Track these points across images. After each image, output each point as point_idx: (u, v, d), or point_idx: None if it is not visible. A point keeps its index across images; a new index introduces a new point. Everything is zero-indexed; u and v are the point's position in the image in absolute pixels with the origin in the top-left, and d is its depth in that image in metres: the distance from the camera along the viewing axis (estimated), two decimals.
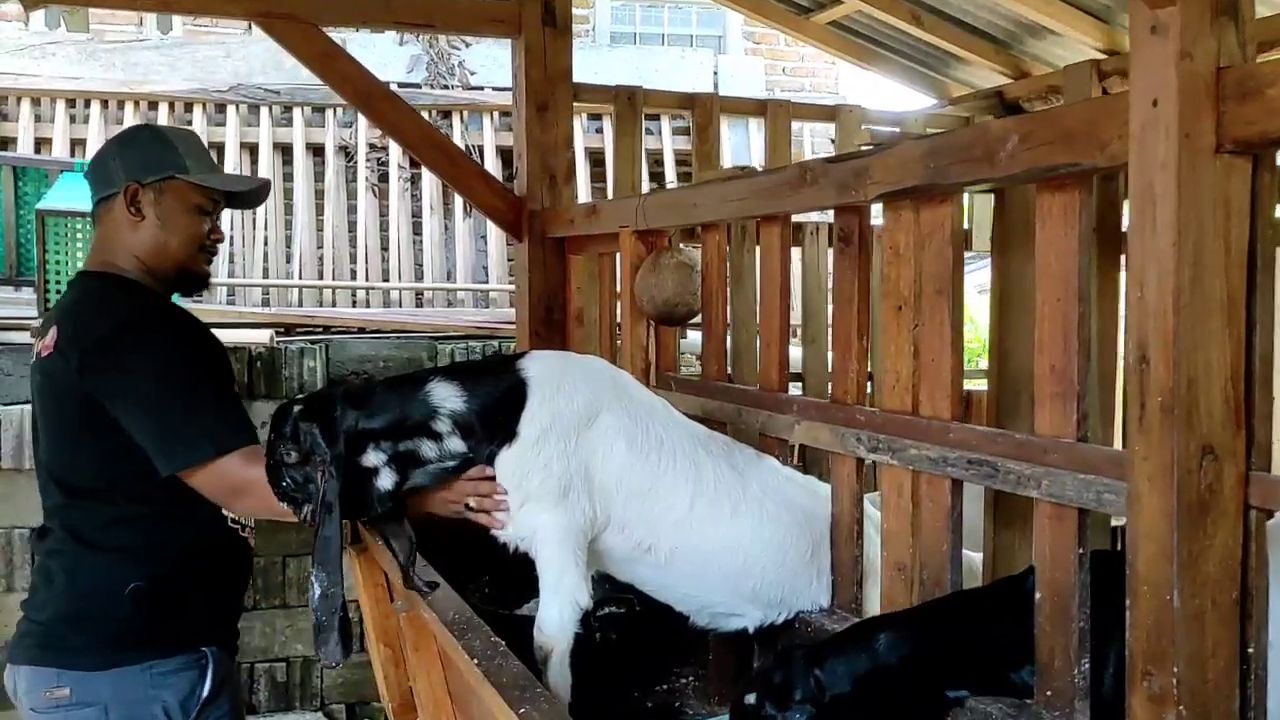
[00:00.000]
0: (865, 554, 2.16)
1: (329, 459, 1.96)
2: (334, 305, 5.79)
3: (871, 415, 2.07)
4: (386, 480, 2.03)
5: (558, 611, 2.02)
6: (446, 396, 2.06)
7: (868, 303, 2.15)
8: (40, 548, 2.31)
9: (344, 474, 1.97)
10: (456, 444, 2.06)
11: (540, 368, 2.13)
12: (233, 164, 6.03)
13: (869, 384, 2.20)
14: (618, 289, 3.36)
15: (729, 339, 3.56)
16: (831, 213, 4.06)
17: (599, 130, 6.52)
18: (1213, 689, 1.35)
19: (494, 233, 6.23)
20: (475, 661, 1.73)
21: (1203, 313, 1.31)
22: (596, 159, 6.42)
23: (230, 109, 6.23)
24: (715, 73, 6.74)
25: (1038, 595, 1.70)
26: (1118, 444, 2.36)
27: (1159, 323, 1.33)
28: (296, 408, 2.02)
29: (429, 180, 6.10)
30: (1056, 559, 1.66)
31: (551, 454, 2.05)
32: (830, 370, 2.21)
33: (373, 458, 2.01)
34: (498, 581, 2.70)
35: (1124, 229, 1.85)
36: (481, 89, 6.55)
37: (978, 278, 5.21)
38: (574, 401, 2.10)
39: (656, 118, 6.49)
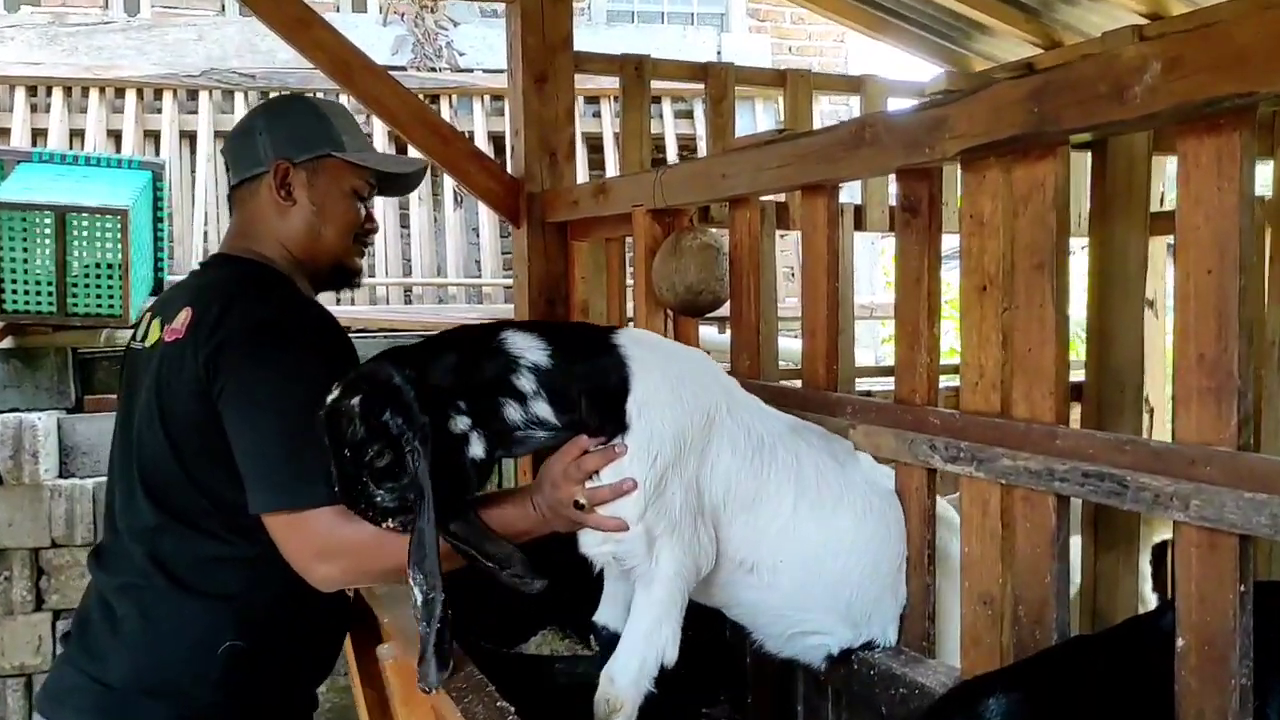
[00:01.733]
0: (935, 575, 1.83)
1: (415, 435, 1.58)
2: None
3: (950, 418, 1.72)
4: (478, 448, 1.65)
5: (639, 664, 1.66)
6: (527, 347, 1.68)
7: (938, 284, 1.81)
8: (106, 579, 1.87)
9: (434, 447, 1.60)
10: (544, 409, 1.67)
11: (642, 349, 1.75)
12: (207, 154, 5.66)
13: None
14: (628, 278, 3.03)
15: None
16: (858, 187, 3.77)
17: (596, 114, 6.17)
18: None
19: (487, 224, 5.87)
20: None
21: None
22: (594, 145, 6.07)
23: (203, 95, 5.85)
24: (719, 52, 6.38)
25: (1180, 642, 1.36)
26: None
27: None
28: (352, 399, 1.60)
29: None
30: (1208, 598, 1.32)
31: (668, 463, 1.68)
32: (895, 365, 1.86)
33: (458, 422, 1.64)
34: (501, 610, 2.34)
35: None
36: (471, 71, 6.18)
37: None
38: (694, 400, 1.74)
39: (658, 100, 6.14)
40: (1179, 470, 1.34)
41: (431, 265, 5.79)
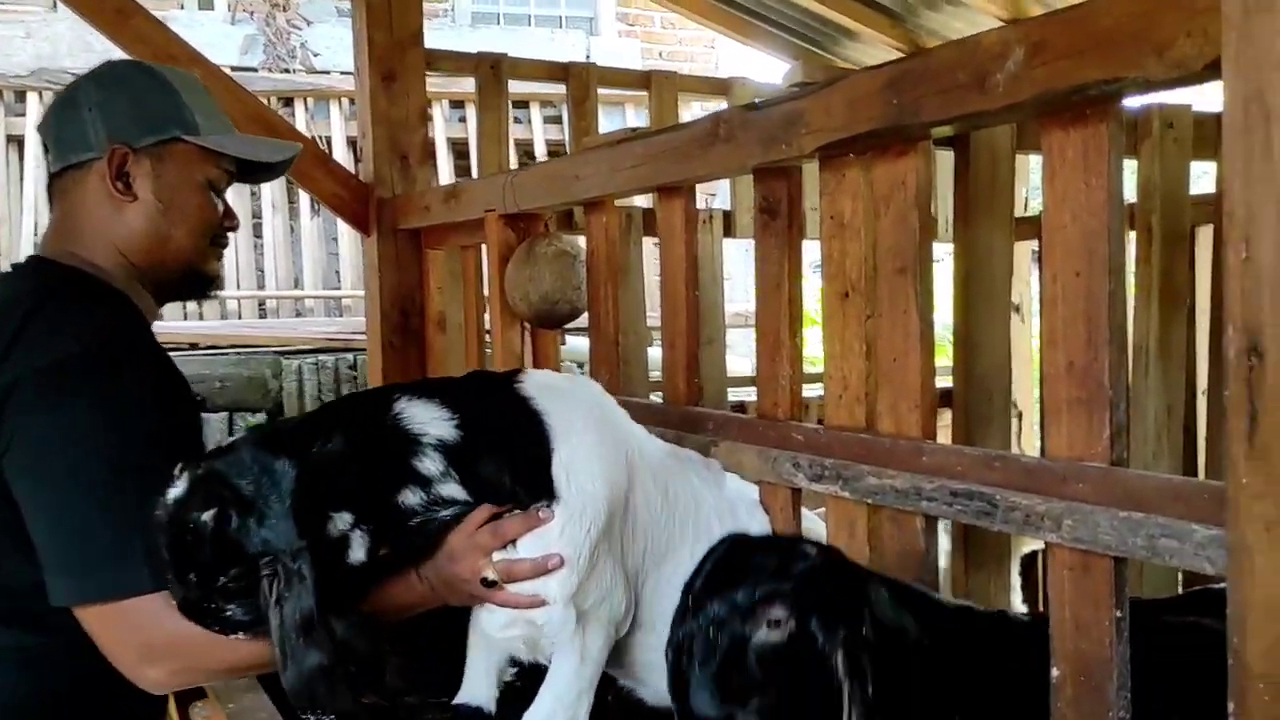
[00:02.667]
0: None
1: (289, 558, 1.30)
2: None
3: (814, 434, 1.61)
4: (359, 550, 1.39)
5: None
6: (428, 419, 1.42)
7: (800, 290, 1.70)
8: None
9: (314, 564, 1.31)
10: (453, 490, 1.42)
11: (555, 399, 1.52)
12: (35, 159, 5.26)
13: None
14: (486, 287, 2.85)
15: (619, 340, 3.09)
16: (727, 186, 3.67)
17: (462, 119, 5.96)
18: None
19: (347, 233, 5.61)
20: None
21: None
22: (460, 150, 5.87)
23: (31, 97, 5.43)
24: (587, 55, 6.25)
25: (1055, 673, 1.27)
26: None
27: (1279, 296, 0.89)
28: (204, 512, 1.30)
29: None
30: (1083, 624, 1.23)
31: (602, 530, 1.46)
32: (756, 378, 1.74)
33: (338, 521, 1.37)
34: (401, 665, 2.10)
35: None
36: (328, 73, 5.91)
37: None
38: (615, 449, 1.53)
39: (525, 105, 5.98)
40: (1050, 488, 1.25)
41: (288, 277, 5.50)
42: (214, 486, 1.32)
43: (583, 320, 2.40)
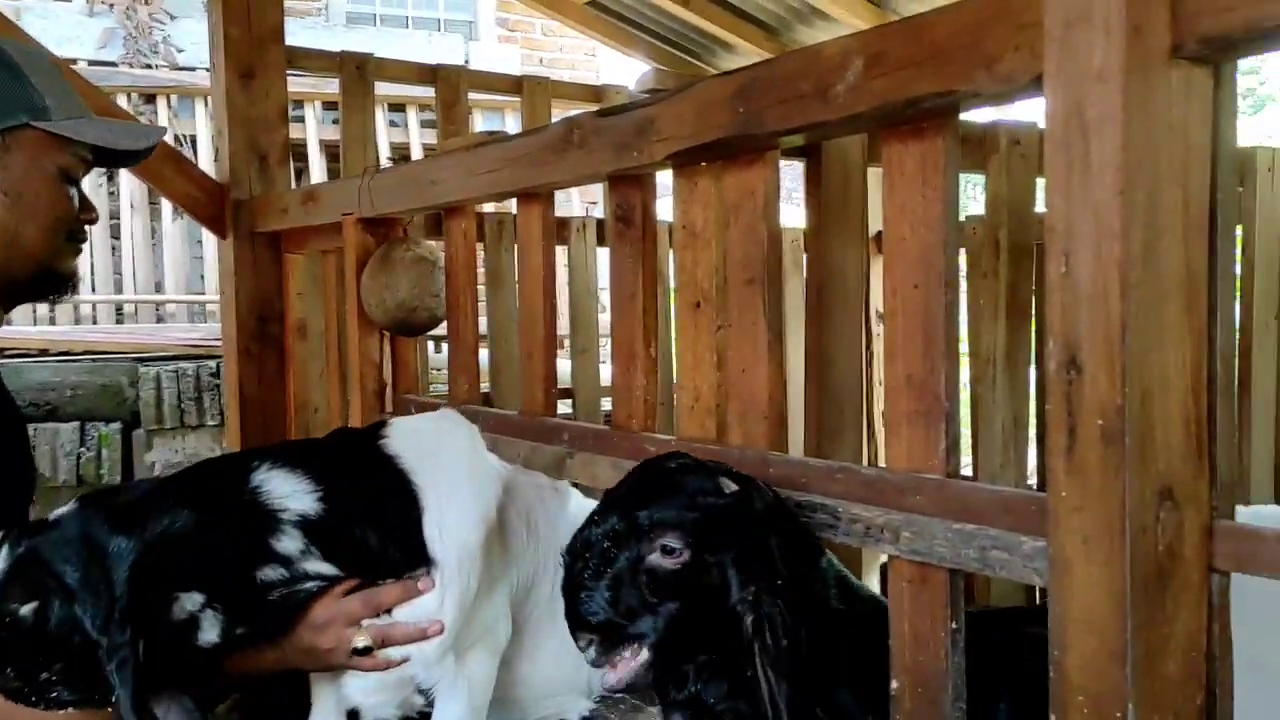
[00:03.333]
0: None
1: (120, 649, 1.19)
2: (8, 322, 4.79)
3: (665, 445, 1.59)
4: (212, 632, 1.29)
5: None
6: (288, 493, 1.34)
7: (655, 301, 1.68)
8: None
9: (147, 647, 1.21)
10: (317, 566, 1.35)
11: (419, 454, 1.45)
12: None
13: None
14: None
15: (488, 353, 3.03)
16: (602, 198, 3.64)
17: (336, 121, 5.80)
18: None
19: (211, 236, 5.40)
20: None
21: (1158, 296, 0.90)
22: (334, 153, 5.70)
23: None
24: (466, 60, 6.15)
25: (894, 685, 1.26)
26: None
27: (1098, 312, 0.90)
28: (23, 605, 1.20)
29: (130, 173, 5.18)
30: (920, 636, 1.23)
31: (475, 578, 1.41)
32: (612, 389, 1.72)
33: (186, 602, 1.28)
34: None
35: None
36: (193, 69, 5.68)
37: None
38: (485, 491, 1.48)
39: (402, 108, 5.86)
40: (890, 500, 1.25)
41: (148, 281, 5.25)
42: (36, 573, 1.21)
43: (432, 330, 2.34)
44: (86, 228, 1.65)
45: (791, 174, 4.62)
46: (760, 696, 1.16)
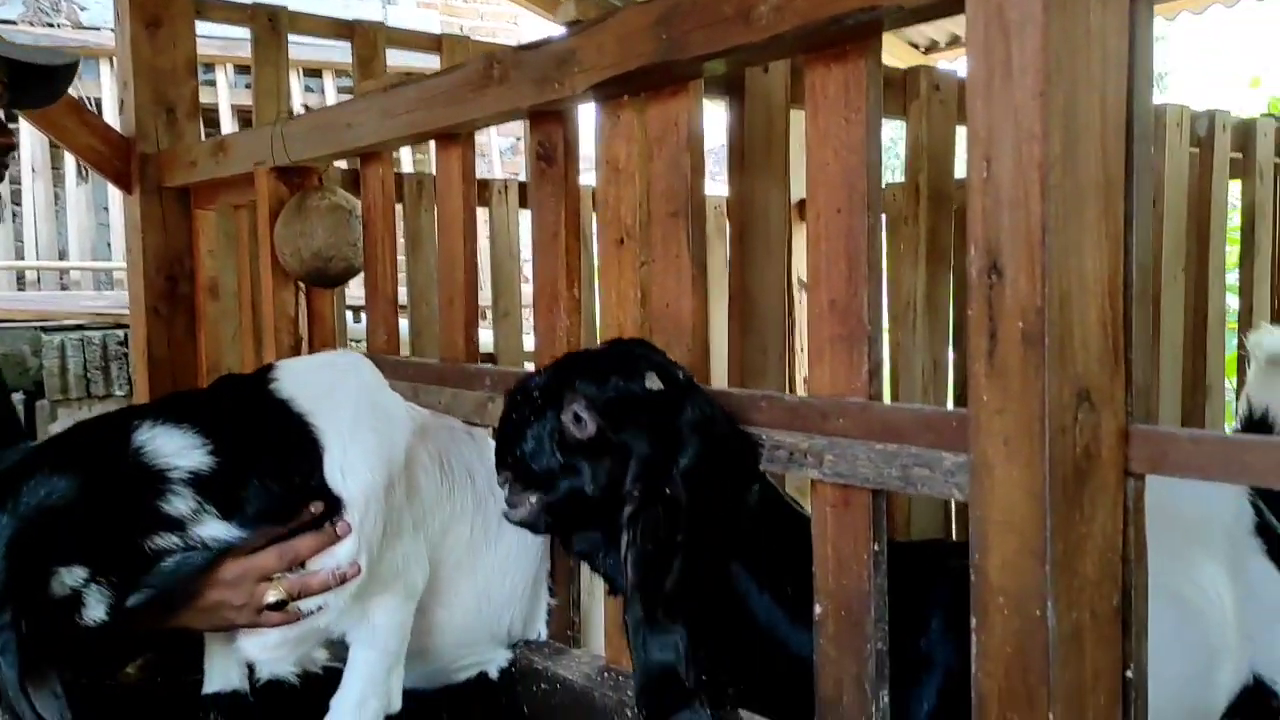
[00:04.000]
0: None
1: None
2: None
3: None
4: (98, 609, 1.22)
5: (379, 703, 1.39)
6: (175, 449, 1.27)
7: (578, 240, 1.66)
8: None
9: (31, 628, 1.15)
10: (214, 528, 1.28)
11: (312, 391, 1.40)
12: None
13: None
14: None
15: (407, 320, 2.99)
16: (524, 167, 3.59)
17: (249, 85, 5.64)
18: None
19: (118, 199, 5.21)
20: None
21: (1076, 199, 0.91)
22: (246, 118, 5.55)
23: None
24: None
25: (817, 609, 1.27)
26: None
27: (1019, 215, 0.91)
28: None
29: (32, 136, 4.97)
30: (843, 560, 1.24)
31: (377, 519, 1.37)
32: (534, 331, 1.69)
33: (67, 577, 1.21)
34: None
35: None
36: (97, 29, 5.46)
37: None
38: (387, 429, 1.43)
39: (318, 74, 5.72)
40: (813, 425, 1.25)
41: (50, 247, 5.06)
42: None
43: (349, 280, 2.29)
44: (7, 156, 1.57)
45: (714, 160, 4.61)
46: (620, 584, 1.23)
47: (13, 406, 1.70)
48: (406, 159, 5.34)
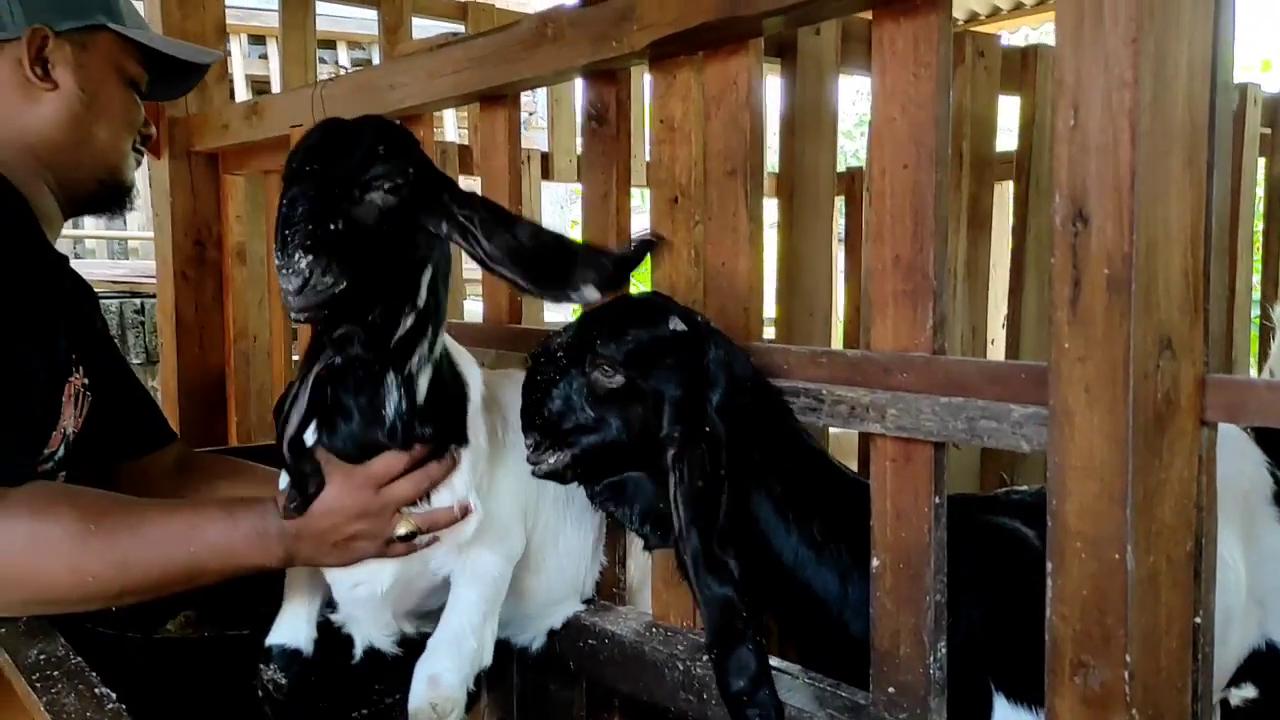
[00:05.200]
0: None
1: None
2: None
3: None
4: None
5: (468, 662, 1.40)
6: None
7: (628, 200, 1.67)
8: None
9: None
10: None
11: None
12: None
13: None
14: None
15: None
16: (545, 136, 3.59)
17: (263, 56, 5.64)
18: (1166, 680, 0.98)
19: (138, 193, 5.21)
20: None
21: (1163, 148, 0.92)
22: (260, 89, 5.55)
23: None
24: None
25: (875, 563, 1.29)
26: None
27: (1107, 162, 0.92)
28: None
29: None
30: (904, 513, 1.25)
31: (484, 460, 1.44)
32: None
33: None
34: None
35: None
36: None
37: None
38: (478, 380, 1.48)
39: (332, 45, 5.71)
40: (875, 380, 1.26)
41: None
42: None
43: None
44: (149, 143, 1.68)
45: None
46: (673, 526, 1.23)
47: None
48: (450, 128, 5.31)
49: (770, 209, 2.08)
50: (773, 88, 2.18)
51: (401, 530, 1.33)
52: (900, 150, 1.22)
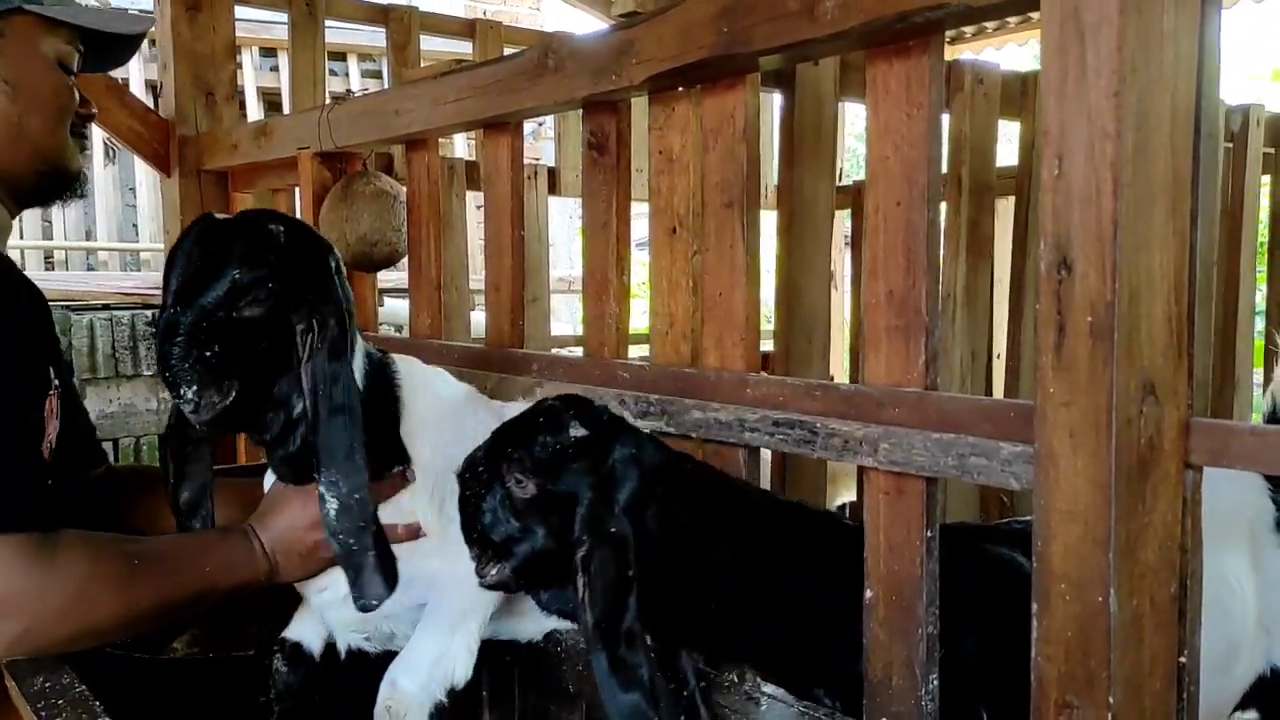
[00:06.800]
0: None
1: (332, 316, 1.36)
2: (8, 231, 4.58)
3: (639, 371, 1.60)
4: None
5: (429, 667, 1.41)
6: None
7: (628, 228, 1.68)
8: None
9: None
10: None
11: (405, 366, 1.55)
12: None
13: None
14: None
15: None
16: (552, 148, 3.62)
17: (274, 68, 5.68)
18: (1149, 718, 0.99)
19: (145, 182, 5.25)
20: None
21: (1146, 197, 0.93)
22: (272, 101, 5.59)
23: None
24: None
25: (868, 594, 1.30)
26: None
27: (1090, 211, 0.93)
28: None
29: None
30: (896, 546, 1.27)
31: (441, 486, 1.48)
32: (583, 318, 1.72)
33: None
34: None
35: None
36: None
37: None
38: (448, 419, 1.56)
39: (343, 57, 5.74)
40: (868, 414, 1.27)
41: (78, 227, 5.10)
42: None
43: (391, 265, 2.32)
44: (87, 124, 1.59)
45: None
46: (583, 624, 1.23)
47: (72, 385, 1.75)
48: (460, 143, 5.34)
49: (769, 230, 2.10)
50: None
51: None
52: (893, 188, 1.24)
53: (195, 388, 1.24)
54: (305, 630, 1.53)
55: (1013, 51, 6.09)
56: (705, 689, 1.48)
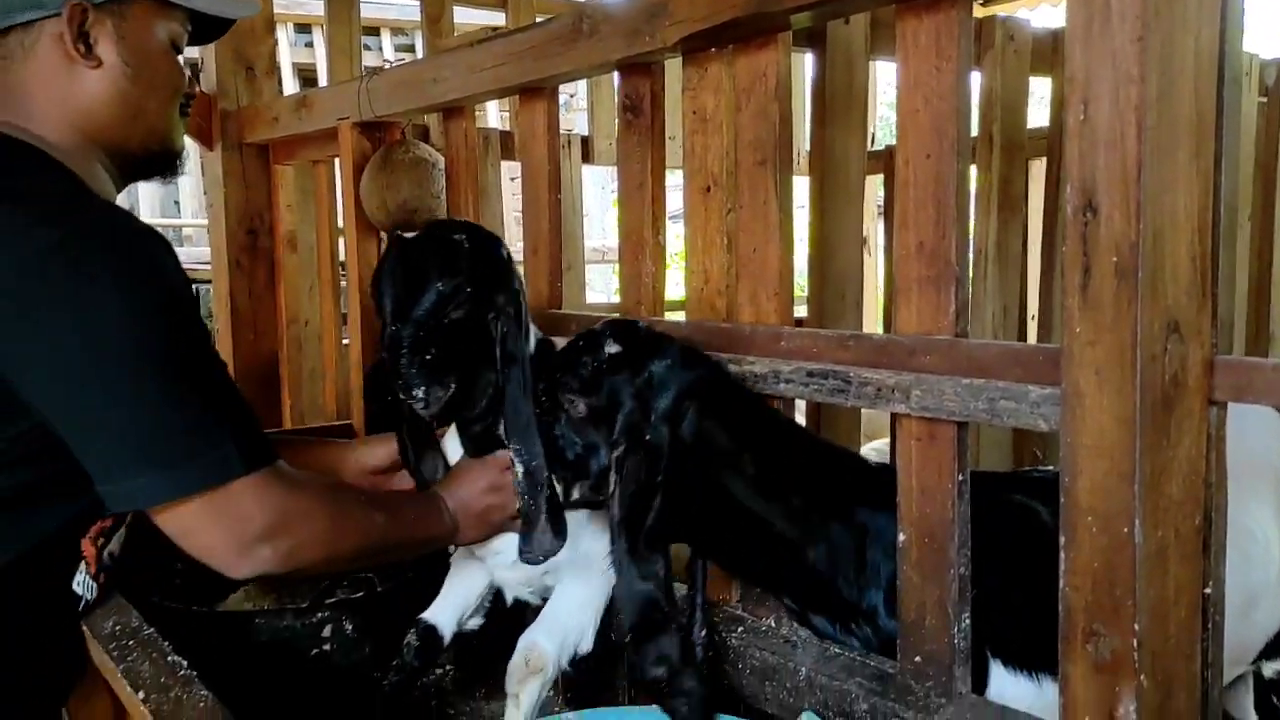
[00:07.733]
0: None
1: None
2: None
3: (675, 327, 1.64)
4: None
5: (565, 632, 1.55)
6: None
7: (663, 189, 1.72)
8: None
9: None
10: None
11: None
12: None
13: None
14: (340, 206, 2.77)
15: None
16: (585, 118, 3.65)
17: (309, 44, 5.74)
18: (1174, 648, 1.02)
19: (188, 158, 5.33)
20: (142, 697, 1.17)
21: (1170, 140, 0.96)
22: (307, 77, 5.66)
23: None
24: None
25: (901, 538, 1.34)
26: None
27: (1115, 155, 0.96)
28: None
29: None
30: (928, 489, 1.30)
31: None
32: (619, 277, 1.76)
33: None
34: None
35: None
36: None
37: None
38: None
39: (376, 32, 5.79)
40: (900, 362, 1.31)
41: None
42: None
43: None
44: (190, 104, 1.62)
45: None
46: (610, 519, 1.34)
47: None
48: (493, 112, 5.38)
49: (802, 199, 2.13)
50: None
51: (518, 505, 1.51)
52: (923, 140, 1.26)
53: (424, 388, 1.41)
54: (441, 616, 1.64)
55: (1046, 12, 6.03)
56: (744, 634, 1.53)
